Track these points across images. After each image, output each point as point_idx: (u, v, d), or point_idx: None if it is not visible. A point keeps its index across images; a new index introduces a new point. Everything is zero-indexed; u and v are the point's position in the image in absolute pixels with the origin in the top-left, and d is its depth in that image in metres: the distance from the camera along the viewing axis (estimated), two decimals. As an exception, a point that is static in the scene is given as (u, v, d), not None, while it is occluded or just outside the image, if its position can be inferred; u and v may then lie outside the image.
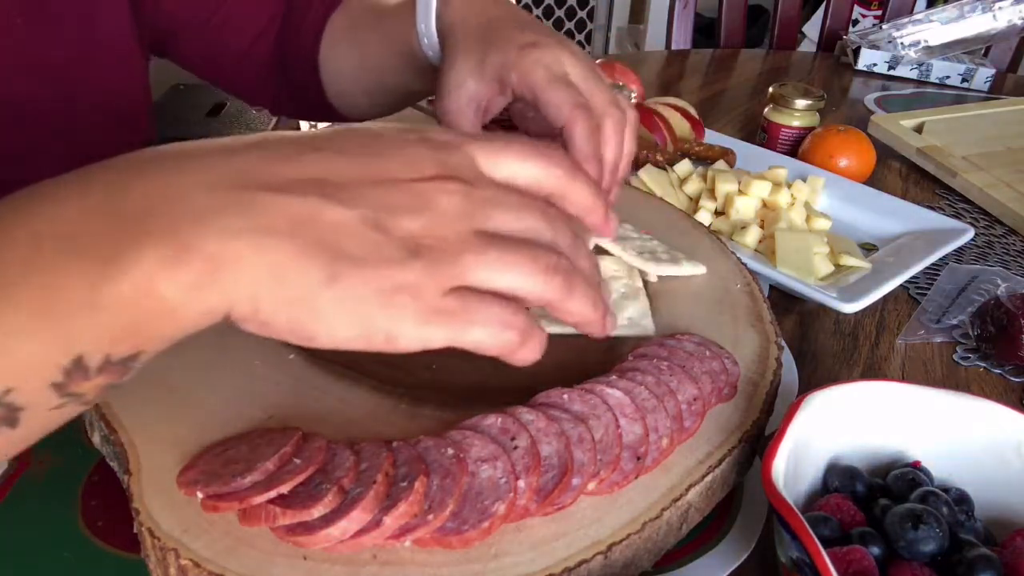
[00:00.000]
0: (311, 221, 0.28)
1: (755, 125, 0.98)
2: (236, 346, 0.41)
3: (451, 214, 0.30)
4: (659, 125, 0.81)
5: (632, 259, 0.51)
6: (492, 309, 0.30)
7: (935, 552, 0.34)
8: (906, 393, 0.40)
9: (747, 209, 0.69)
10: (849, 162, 0.82)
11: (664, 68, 1.24)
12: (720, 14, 1.39)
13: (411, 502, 0.31)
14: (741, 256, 0.56)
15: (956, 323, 0.61)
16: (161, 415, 0.37)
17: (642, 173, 0.72)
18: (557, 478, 0.34)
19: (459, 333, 0.30)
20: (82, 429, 0.40)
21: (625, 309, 0.47)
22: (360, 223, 0.29)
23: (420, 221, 0.30)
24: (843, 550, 0.34)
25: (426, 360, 0.42)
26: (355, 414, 0.38)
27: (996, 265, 0.70)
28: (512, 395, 0.38)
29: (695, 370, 0.41)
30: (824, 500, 0.37)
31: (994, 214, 0.80)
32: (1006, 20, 1.24)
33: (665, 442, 0.37)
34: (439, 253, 0.29)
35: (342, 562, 0.31)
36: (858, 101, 1.15)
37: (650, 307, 0.48)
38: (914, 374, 0.56)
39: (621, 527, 0.34)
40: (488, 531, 0.32)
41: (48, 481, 0.41)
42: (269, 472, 0.32)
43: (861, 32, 1.30)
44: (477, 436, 0.35)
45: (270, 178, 0.29)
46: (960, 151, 0.90)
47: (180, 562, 0.31)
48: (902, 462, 0.40)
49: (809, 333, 0.60)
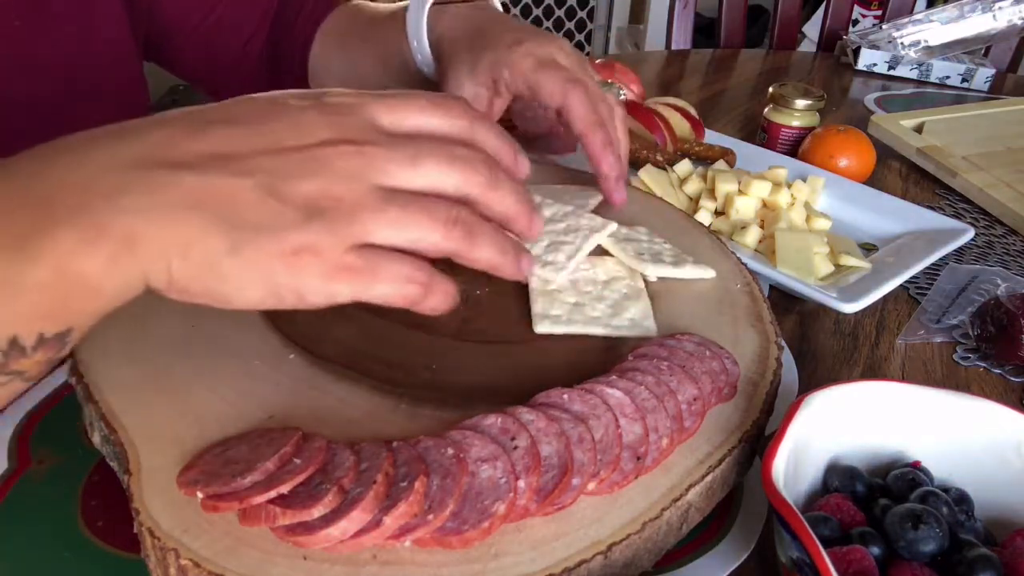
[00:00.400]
0: (210, 194, 0.30)
1: (755, 125, 0.98)
2: (236, 346, 0.41)
3: (346, 174, 0.32)
4: (659, 125, 0.81)
5: (630, 259, 0.51)
6: (394, 264, 0.32)
7: (935, 552, 0.34)
8: (906, 393, 0.40)
9: (747, 209, 0.69)
10: (849, 162, 0.82)
11: (664, 68, 1.24)
12: (720, 14, 1.39)
13: (411, 502, 0.31)
14: (741, 256, 0.56)
15: (956, 323, 0.61)
16: (161, 415, 0.37)
17: (642, 173, 0.72)
18: (557, 478, 0.34)
19: (364, 288, 0.32)
20: (82, 429, 0.40)
21: (627, 310, 0.47)
22: (256, 191, 0.30)
23: (315, 184, 0.31)
24: (843, 550, 0.34)
25: (426, 360, 0.42)
26: (355, 414, 0.38)
27: (996, 265, 0.70)
28: (512, 395, 0.38)
29: (695, 370, 0.41)
30: (824, 500, 0.37)
31: (994, 214, 0.80)
32: (1006, 20, 1.24)
33: (665, 442, 0.37)
34: (336, 213, 0.31)
35: (342, 562, 0.31)
36: (858, 101, 1.15)
37: (650, 304, 0.48)
38: (914, 374, 0.56)
39: (621, 527, 0.34)
40: (488, 531, 0.32)
41: (48, 481, 0.41)
42: (269, 472, 0.32)
43: (861, 32, 1.30)
44: (477, 436, 0.35)
45: (170, 155, 0.30)
46: (960, 151, 0.90)
47: (180, 562, 0.31)
48: (902, 462, 0.40)
49: (809, 333, 0.60)
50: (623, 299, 0.48)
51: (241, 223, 0.30)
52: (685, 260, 0.52)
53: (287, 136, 0.32)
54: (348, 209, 0.31)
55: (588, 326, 0.45)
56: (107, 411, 0.37)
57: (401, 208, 0.32)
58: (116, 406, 0.37)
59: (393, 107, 0.34)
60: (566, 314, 0.46)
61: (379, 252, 0.32)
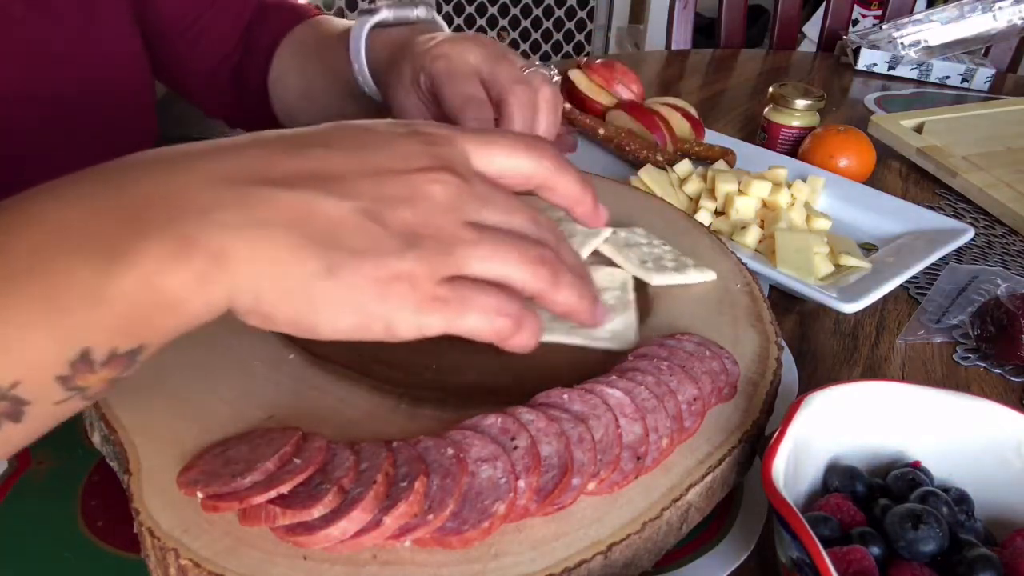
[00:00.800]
0: (308, 214, 0.29)
1: (755, 125, 0.98)
2: (236, 346, 0.41)
3: (444, 204, 0.31)
4: (659, 125, 0.81)
5: (633, 268, 0.51)
6: (486, 297, 0.31)
7: (935, 552, 0.34)
8: (906, 393, 0.40)
9: (747, 209, 0.69)
10: (849, 162, 0.82)
11: (664, 68, 1.24)
12: (720, 14, 1.39)
13: (411, 502, 0.31)
14: (741, 256, 0.56)
15: (956, 323, 0.61)
16: (161, 415, 0.37)
17: (642, 173, 0.72)
18: (557, 478, 0.34)
19: (455, 320, 0.31)
20: (82, 429, 0.40)
21: (610, 322, 0.46)
22: (356, 214, 0.29)
23: (414, 211, 0.30)
24: (843, 550, 0.34)
25: (426, 360, 0.42)
26: (355, 414, 0.38)
27: (996, 265, 0.70)
28: (512, 395, 0.38)
29: (695, 370, 0.41)
30: (824, 500, 0.37)
31: (994, 214, 0.80)
32: (1006, 20, 1.24)
33: (665, 442, 0.37)
34: (434, 243, 0.30)
35: (342, 562, 0.31)
36: (858, 101, 1.15)
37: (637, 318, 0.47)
38: (914, 374, 0.56)
39: (621, 527, 0.34)
40: (488, 531, 0.32)
41: (48, 481, 0.41)
42: (269, 472, 0.32)
43: (861, 32, 1.30)
44: (477, 436, 0.35)
45: (267, 173, 0.29)
46: (960, 151, 0.90)
47: (180, 562, 0.31)
48: (902, 462, 0.40)
49: (809, 333, 0.60)
50: (608, 311, 0.47)
51: (338, 245, 0.29)
52: (687, 264, 0.52)
53: (386, 161, 0.31)
54: (445, 240, 0.30)
55: (567, 335, 0.44)
56: (107, 411, 0.37)
57: (495, 243, 0.31)
58: (116, 406, 0.37)
59: (484, 142, 0.34)
60: (547, 321, 0.45)
61: (470, 284, 0.31)
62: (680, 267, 0.51)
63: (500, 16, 2.70)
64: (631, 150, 0.78)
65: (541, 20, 2.75)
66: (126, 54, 0.64)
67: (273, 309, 0.29)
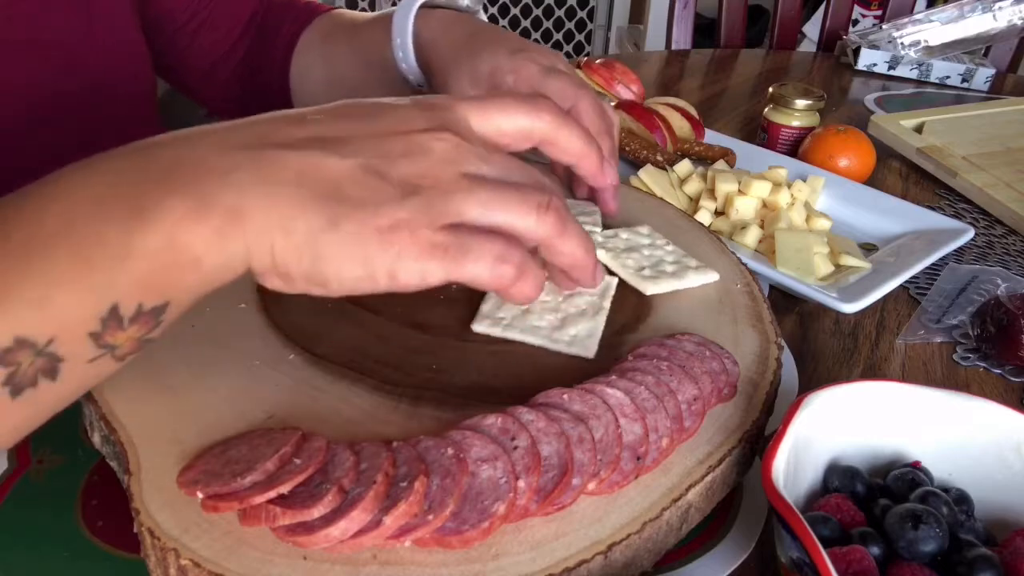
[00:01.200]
0: (313, 171, 0.31)
1: (755, 125, 0.98)
2: (236, 346, 0.41)
3: (444, 157, 0.33)
4: (659, 125, 0.81)
5: (628, 275, 0.50)
6: (487, 243, 0.32)
7: (935, 552, 0.34)
8: (906, 393, 0.40)
9: (747, 209, 0.69)
10: (849, 162, 0.82)
11: (664, 68, 1.24)
12: (720, 14, 1.39)
13: (411, 502, 0.31)
14: (741, 256, 0.56)
15: (956, 323, 0.61)
16: (161, 415, 0.37)
17: (642, 173, 0.72)
18: (557, 478, 0.34)
19: (456, 267, 0.32)
20: (82, 429, 0.40)
21: (574, 326, 0.45)
22: (357, 170, 0.31)
23: (414, 165, 0.32)
24: (843, 550, 0.34)
25: (426, 360, 0.42)
26: (355, 414, 0.38)
27: (996, 265, 0.70)
28: (512, 395, 0.38)
29: (695, 370, 0.41)
30: (824, 500, 0.37)
31: (994, 214, 0.80)
32: (1006, 20, 1.24)
33: (665, 442, 0.37)
34: (432, 192, 0.32)
35: (342, 562, 0.31)
36: (858, 101, 1.15)
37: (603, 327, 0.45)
38: (914, 374, 0.56)
39: (621, 527, 0.34)
40: (488, 531, 0.32)
41: (48, 481, 0.41)
42: (269, 472, 0.32)
43: (861, 32, 1.30)
44: (477, 436, 0.35)
45: (278, 138, 0.32)
46: (960, 151, 0.90)
47: (180, 562, 0.31)
48: (902, 462, 0.40)
49: (809, 333, 0.60)
50: (578, 315, 0.46)
51: (341, 199, 0.30)
52: (688, 266, 0.51)
53: (388, 125, 0.33)
54: (444, 188, 0.32)
55: (525, 335, 0.44)
56: (107, 411, 0.37)
57: (495, 189, 0.33)
58: (116, 406, 0.37)
59: (483, 105, 0.36)
60: (510, 319, 0.45)
61: (471, 231, 0.32)
62: (681, 270, 0.51)
63: (500, 16, 2.70)
64: (631, 150, 0.78)
65: (541, 20, 2.75)
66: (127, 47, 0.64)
67: (288, 266, 0.31)
